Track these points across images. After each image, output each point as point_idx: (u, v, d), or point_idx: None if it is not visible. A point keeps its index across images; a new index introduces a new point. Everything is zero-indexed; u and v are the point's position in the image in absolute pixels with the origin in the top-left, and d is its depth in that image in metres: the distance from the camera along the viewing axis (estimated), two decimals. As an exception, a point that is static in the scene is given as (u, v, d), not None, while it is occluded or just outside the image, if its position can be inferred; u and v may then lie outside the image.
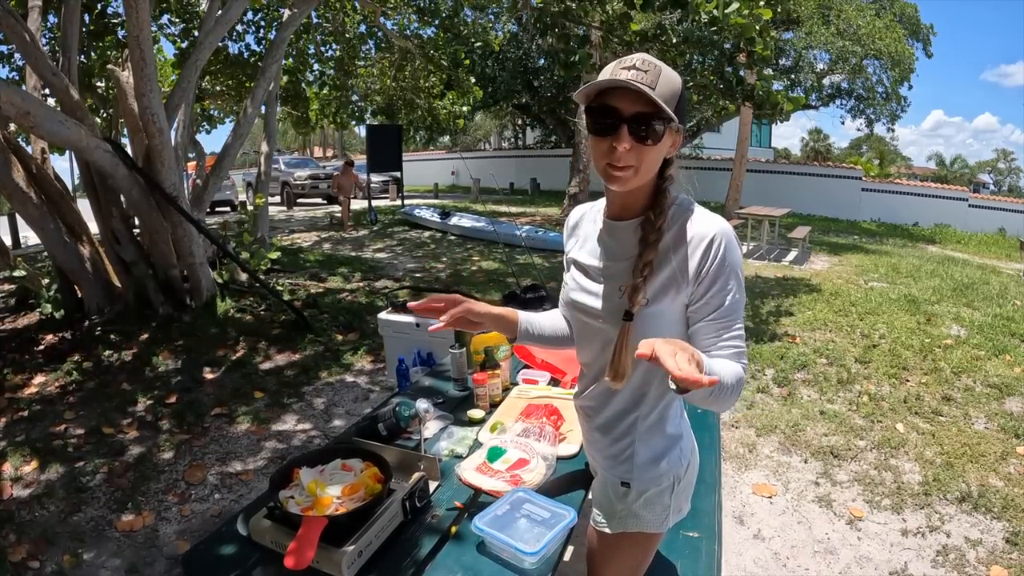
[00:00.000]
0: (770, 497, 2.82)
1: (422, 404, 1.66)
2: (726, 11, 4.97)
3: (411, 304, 1.19)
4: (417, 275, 7.33)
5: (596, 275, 1.13)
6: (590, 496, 1.35)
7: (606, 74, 0.98)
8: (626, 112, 0.96)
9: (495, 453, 1.54)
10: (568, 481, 1.49)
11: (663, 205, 1.04)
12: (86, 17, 6.36)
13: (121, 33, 6.81)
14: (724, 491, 2.80)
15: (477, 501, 1.41)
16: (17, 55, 6.85)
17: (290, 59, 9.37)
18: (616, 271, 1.09)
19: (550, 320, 1.32)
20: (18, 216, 6.93)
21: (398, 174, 14.70)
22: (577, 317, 1.19)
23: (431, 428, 1.73)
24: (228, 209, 15.17)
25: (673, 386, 0.87)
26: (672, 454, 1.17)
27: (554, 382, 2.07)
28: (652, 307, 1.03)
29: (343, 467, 1.35)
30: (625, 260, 1.07)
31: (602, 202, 1.16)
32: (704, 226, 1.02)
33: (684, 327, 1.06)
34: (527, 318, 1.30)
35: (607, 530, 1.23)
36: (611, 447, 1.19)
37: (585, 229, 1.20)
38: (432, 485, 1.43)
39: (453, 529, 1.29)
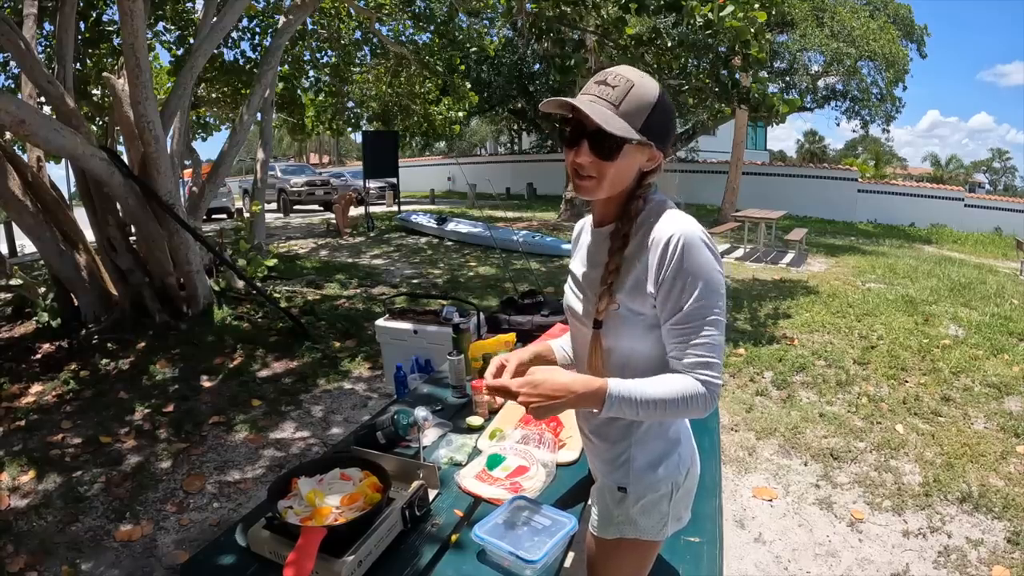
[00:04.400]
0: (770, 500, 2.82)
1: (421, 412, 1.65)
2: (721, 14, 4.99)
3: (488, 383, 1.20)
4: (414, 281, 7.33)
5: (582, 281, 1.16)
6: (590, 502, 1.35)
7: (586, 86, 1.03)
8: (588, 127, 0.99)
9: (495, 460, 1.53)
10: (578, 489, 1.49)
11: (631, 212, 1.06)
12: (81, 25, 6.37)
13: (117, 41, 6.81)
14: (724, 495, 2.79)
15: (477, 509, 1.40)
16: (12, 63, 6.85)
17: (286, 66, 9.38)
18: (595, 277, 1.10)
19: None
20: (14, 225, 6.91)
21: (394, 180, 14.71)
22: (571, 323, 1.22)
23: (430, 436, 1.72)
24: (225, 216, 15.15)
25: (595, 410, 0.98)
26: (671, 460, 1.16)
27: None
28: (623, 311, 1.04)
29: (342, 476, 1.35)
30: (601, 266, 1.08)
31: None
32: (665, 228, 1.01)
33: (657, 333, 1.06)
34: (559, 344, 1.35)
35: (604, 536, 1.22)
36: (608, 451, 1.19)
37: (583, 239, 1.22)
38: (432, 493, 1.42)
39: (453, 538, 1.29)
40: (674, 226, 1.00)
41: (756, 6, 5.18)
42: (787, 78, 15.40)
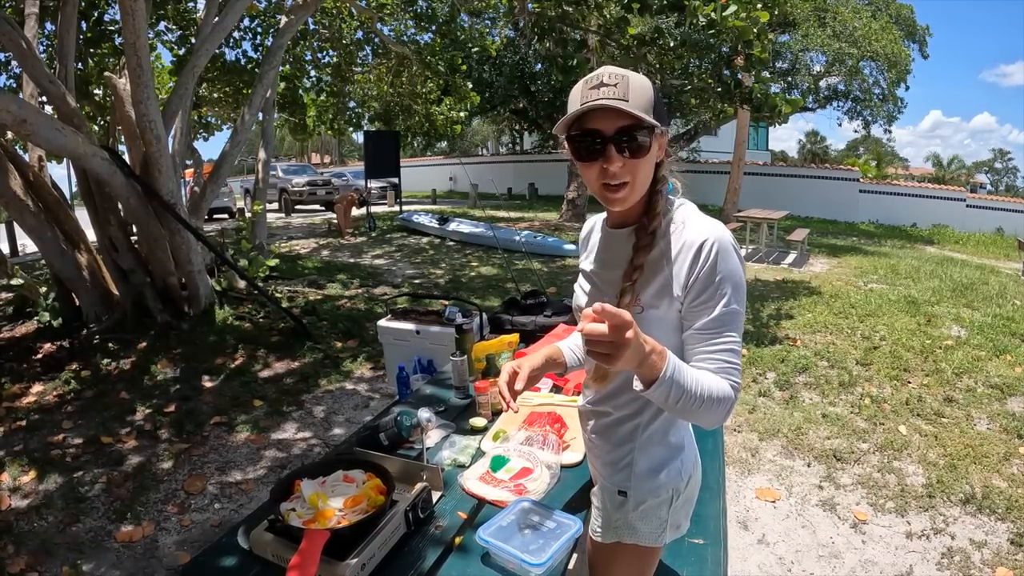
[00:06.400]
0: (774, 502, 2.81)
1: (424, 413, 1.64)
2: (724, 14, 4.98)
3: (508, 406, 1.16)
4: (416, 281, 7.32)
5: (597, 282, 1.15)
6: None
7: (576, 97, 0.97)
8: (609, 131, 0.95)
9: (498, 462, 1.53)
10: (582, 491, 1.48)
11: (656, 209, 1.04)
12: (83, 24, 6.36)
13: (118, 40, 6.80)
14: (728, 496, 2.78)
15: (481, 512, 1.39)
16: (14, 63, 6.85)
17: (287, 66, 9.38)
18: (613, 278, 1.08)
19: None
20: (16, 224, 6.93)
21: (396, 180, 14.71)
22: (582, 324, 1.19)
23: (433, 437, 1.71)
24: (226, 216, 15.15)
25: (638, 385, 0.88)
26: (672, 466, 1.15)
27: (556, 389, 2.06)
28: (647, 313, 1.02)
29: (345, 479, 1.34)
30: (621, 267, 1.06)
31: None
32: (696, 232, 0.99)
33: (680, 336, 1.04)
34: (567, 345, 1.32)
35: (603, 540, 1.21)
36: (610, 454, 1.18)
37: (593, 240, 1.21)
38: (435, 496, 1.42)
39: (457, 540, 1.28)
40: (705, 230, 0.99)
41: (758, 6, 5.18)
42: (789, 78, 15.38)
